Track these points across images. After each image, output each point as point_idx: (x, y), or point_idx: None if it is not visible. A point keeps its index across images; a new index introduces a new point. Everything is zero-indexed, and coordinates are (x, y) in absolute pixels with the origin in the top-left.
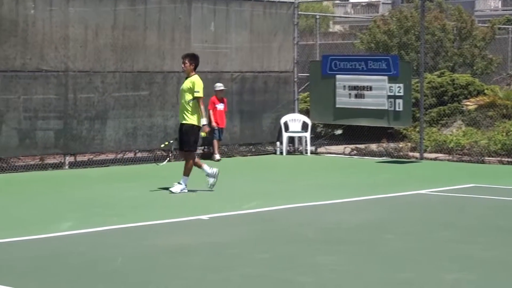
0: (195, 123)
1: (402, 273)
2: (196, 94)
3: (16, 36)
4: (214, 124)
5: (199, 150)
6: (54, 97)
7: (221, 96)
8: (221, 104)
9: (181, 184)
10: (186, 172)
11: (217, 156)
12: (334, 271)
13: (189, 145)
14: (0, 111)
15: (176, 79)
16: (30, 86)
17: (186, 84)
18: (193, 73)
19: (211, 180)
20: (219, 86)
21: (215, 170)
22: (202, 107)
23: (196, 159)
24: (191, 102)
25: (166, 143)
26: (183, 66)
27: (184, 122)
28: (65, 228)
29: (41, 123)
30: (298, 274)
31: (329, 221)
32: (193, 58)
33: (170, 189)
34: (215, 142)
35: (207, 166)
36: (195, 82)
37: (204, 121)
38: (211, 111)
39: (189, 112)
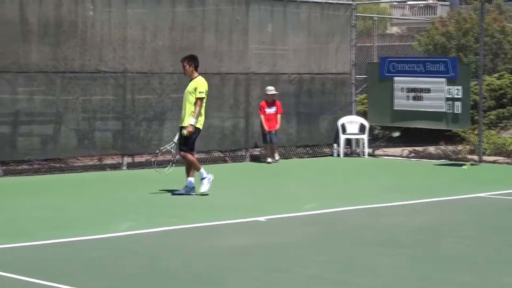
0: (199, 126)
1: (461, 276)
2: (198, 95)
3: (75, 38)
4: (266, 128)
5: (256, 152)
6: (112, 98)
7: (272, 99)
8: (273, 107)
9: (203, 180)
10: (196, 167)
11: (269, 159)
12: (392, 274)
13: (187, 146)
14: (59, 112)
15: (233, 80)
16: (88, 87)
17: (191, 86)
18: (196, 74)
19: (205, 188)
20: (271, 89)
21: (210, 176)
22: (198, 108)
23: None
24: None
25: (162, 148)
26: (183, 69)
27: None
28: (124, 228)
29: (99, 124)
30: (356, 276)
31: (387, 223)
32: (192, 60)
33: (201, 191)
34: (268, 146)
35: (203, 170)
36: (199, 83)
37: (192, 121)
38: (262, 116)
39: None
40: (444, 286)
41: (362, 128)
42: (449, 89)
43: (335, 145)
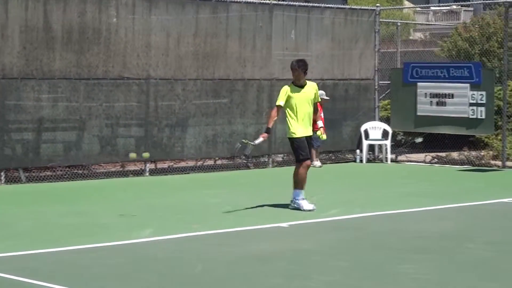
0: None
1: (485, 282)
2: (319, 99)
3: (99, 45)
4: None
5: (279, 158)
6: (136, 105)
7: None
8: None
9: (299, 200)
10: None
11: (317, 163)
12: (415, 280)
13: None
14: (83, 119)
15: (256, 86)
16: (112, 93)
17: (309, 91)
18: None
19: (295, 205)
20: (321, 94)
21: (309, 206)
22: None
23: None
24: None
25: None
26: (297, 74)
27: (311, 133)
28: (146, 234)
29: (123, 130)
30: (379, 283)
31: (411, 229)
32: (306, 65)
33: (303, 208)
34: (313, 150)
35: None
36: (316, 87)
37: (321, 124)
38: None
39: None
40: None
41: (385, 134)
42: (473, 94)
43: (357, 151)
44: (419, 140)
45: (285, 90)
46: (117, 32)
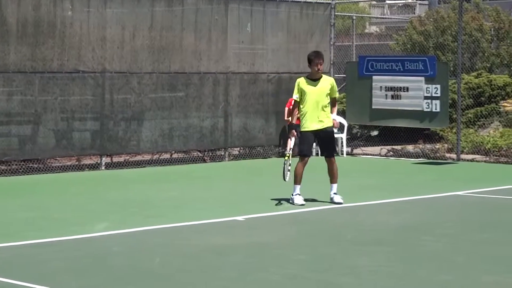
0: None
1: (441, 275)
2: (336, 94)
3: (54, 38)
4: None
5: (235, 152)
6: (91, 98)
7: None
8: None
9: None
10: (334, 179)
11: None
12: (373, 272)
13: (334, 149)
14: (38, 112)
15: (212, 80)
16: (67, 87)
17: (325, 85)
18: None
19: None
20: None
21: (299, 202)
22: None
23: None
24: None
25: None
26: (317, 67)
27: (328, 126)
28: (102, 228)
29: (78, 124)
30: (337, 275)
31: (368, 222)
32: (323, 57)
33: (294, 202)
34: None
35: (298, 189)
36: (333, 82)
37: (336, 116)
38: (287, 109)
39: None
40: (424, 284)
41: (340, 127)
42: (428, 87)
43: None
44: (375, 133)
45: (297, 83)
46: (72, 26)
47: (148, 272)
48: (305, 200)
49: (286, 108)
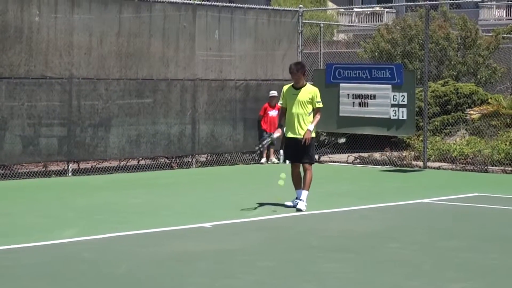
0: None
1: (407, 282)
2: (319, 105)
3: (20, 43)
4: (266, 129)
5: (203, 158)
6: (58, 104)
7: (275, 103)
8: (275, 110)
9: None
10: (305, 186)
11: (263, 160)
12: (338, 279)
13: (312, 157)
14: (4, 118)
15: (180, 86)
16: (34, 93)
17: (305, 94)
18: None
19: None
20: (273, 93)
21: (301, 207)
22: (319, 118)
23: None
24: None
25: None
26: (295, 76)
27: (298, 137)
28: (69, 235)
29: (45, 130)
30: (302, 281)
31: (333, 229)
32: (304, 67)
33: (298, 207)
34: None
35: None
36: (316, 92)
37: (311, 127)
38: (260, 116)
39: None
40: None
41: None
42: (395, 95)
43: (281, 151)
44: (342, 140)
45: (282, 90)
46: (39, 31)
47: (114, 279)
48: (274, 205)
49: (260, 115)
